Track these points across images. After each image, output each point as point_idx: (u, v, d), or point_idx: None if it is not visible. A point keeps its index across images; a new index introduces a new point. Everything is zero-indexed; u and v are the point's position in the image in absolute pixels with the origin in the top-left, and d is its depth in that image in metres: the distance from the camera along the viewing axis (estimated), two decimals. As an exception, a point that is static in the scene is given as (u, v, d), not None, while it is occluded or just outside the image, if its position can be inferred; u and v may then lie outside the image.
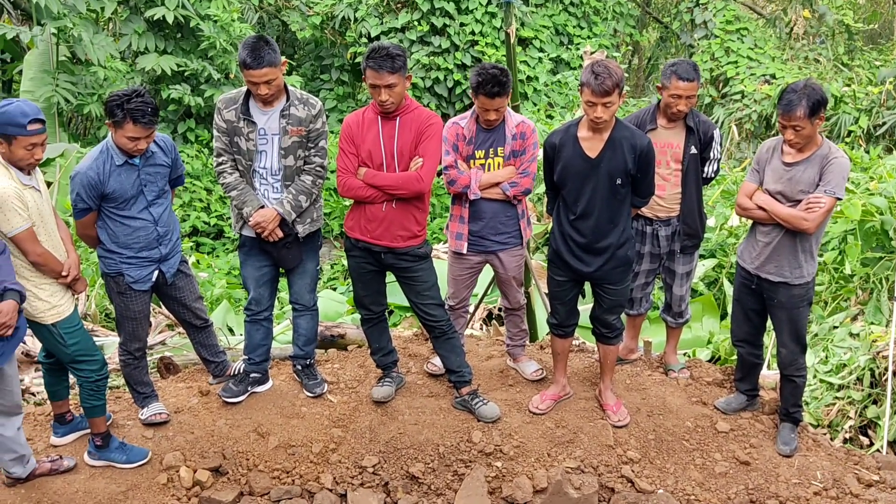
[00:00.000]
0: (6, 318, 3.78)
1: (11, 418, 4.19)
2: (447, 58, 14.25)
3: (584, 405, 5.08)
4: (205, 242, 11.95)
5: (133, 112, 4.22)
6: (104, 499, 4.40)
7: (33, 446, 4.73)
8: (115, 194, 4.42)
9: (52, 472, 4.49)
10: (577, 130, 4.56)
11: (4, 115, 3.94)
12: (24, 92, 11.43)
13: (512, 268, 5.13)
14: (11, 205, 3.97)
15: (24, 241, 4.06)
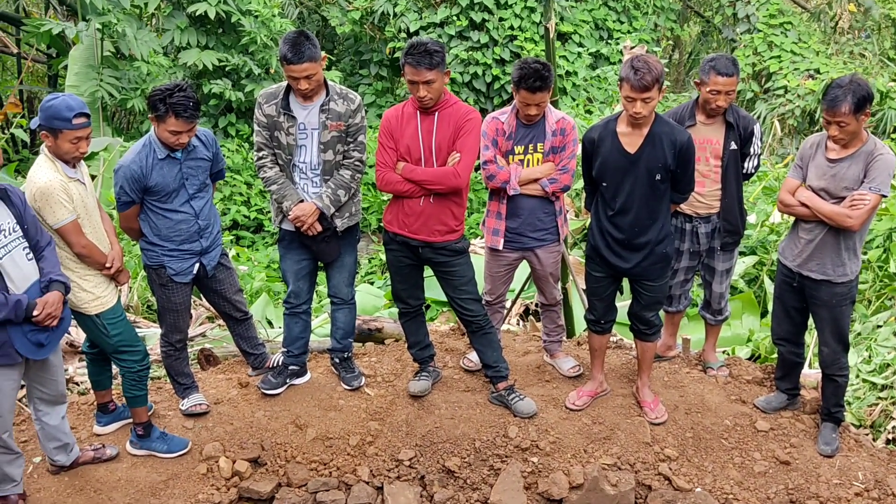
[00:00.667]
0: (52, 309, 3.86)
1: (56, 407, 4.29)
2: (486, 53, 14.22)
3: (622, 402, 5.06)
4: (245, 236, 12.07)
5: (175, 106, 4.27)
6: (145, 487, 4.48)
7: (77, 435, 4.83)
8: (157, 187, 4.49)
9: (95, 460, 4.58)
10: (616, 126, 4.53)
11: (50, 109, 4.02)
12: (69, 87, 11.62)
13: (549, 264, 5.12)
14: (57, 197, 4.05)
15: (69, 233, 4.14)
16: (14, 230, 3.82)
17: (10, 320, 3.73)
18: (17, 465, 4.14)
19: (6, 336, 3.77)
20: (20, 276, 3.82)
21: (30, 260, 3.89)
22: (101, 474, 4.52)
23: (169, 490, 4.50)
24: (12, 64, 16.01)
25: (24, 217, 3.88)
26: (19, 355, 3.84)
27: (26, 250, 3.88)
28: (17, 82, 14.25)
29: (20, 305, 3.74)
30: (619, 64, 14.38)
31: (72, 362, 6.14)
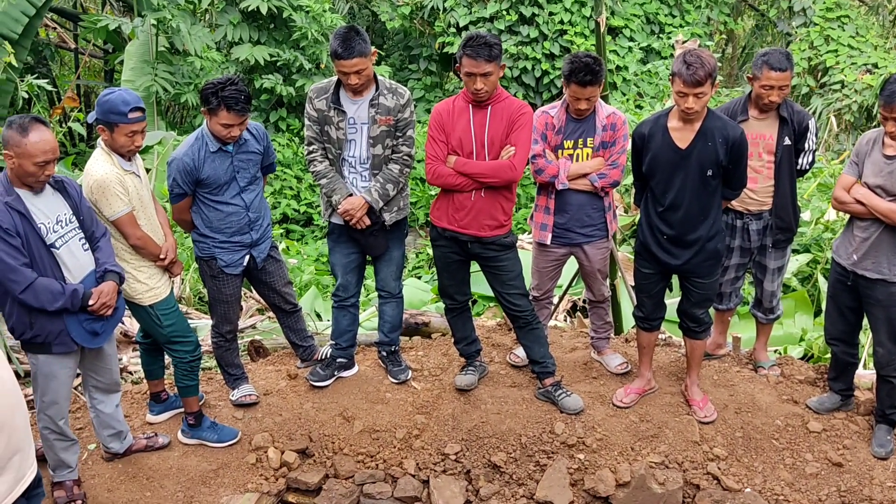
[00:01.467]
0: (107, 299, 3.95)
1: (110, 395, 4.38)
2: (535, 47, 14.17)
3: (670, 400, 5.01)
4: (294, 229, 12.20)
5: (227, 100, 4.34)
6: (196, 476, 4.56)
7: (130, 423, 4.93)
8: (208, 180, 4.56)
9: (148, 448, 4.67)
10: (667, 121, 4.48)
11: (107, 103, 4.10)
12: (125, 81, 11.85)
13: (597, 260, 5.08)
14: (113, 190, 4.14)
15: (124, 225, 4.23)
16: (70, 221, 3.92)
17: (66, 309, 3.82)
18: (73, 452, 4.24)
19: (63, 325, 3.86)
20: (76, 266, 3.91)
21: (86, 250, 3.98)
22: (153, 462, 4.62)
23: (219, 479, 4.58)
24: (70, 59, 16.38)
25: (80, 208, 3.98)
26: (75, 344, 3.93)
27: (82, 241, 3.97)
28: (74, 77, 14.58)
29: (76, 295, 3.83)
30: (671, 58, 14.21)
31: (126, 352, 6.27)
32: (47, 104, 12.46)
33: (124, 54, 12.30)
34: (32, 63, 13.61)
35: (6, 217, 3.62)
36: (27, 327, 3.83)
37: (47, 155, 3.65)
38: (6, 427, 2.62)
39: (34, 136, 3.61)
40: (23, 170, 3.66)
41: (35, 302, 3.73)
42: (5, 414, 2.62)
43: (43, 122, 3.69)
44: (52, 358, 3.93)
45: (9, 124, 3.64)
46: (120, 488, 4.42)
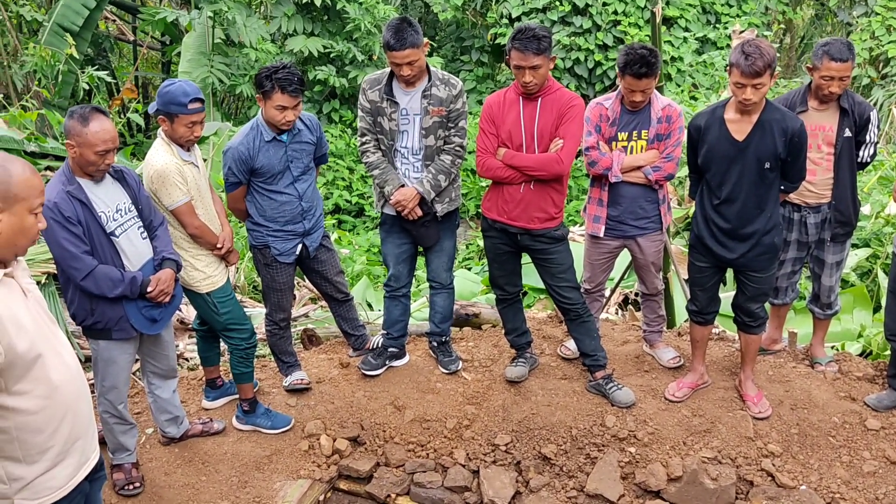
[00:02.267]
0: (165, 286, 4.03)
1: (167, 381, 4.47)
2: (588, 38, 14.05)
3: (723, 395, 4.95)
4: (346, 220, 12.29)
5: (281, 81, 4.39)
6: (250, 461, 4.64)
7: (186, 409, 5.03)
8: (263, 169, 4.62)
9: (203, 433, 4.76)
10: (723, 112, 4.41)
11: (167, 94, 4.18)
12: (181, 73, 12.05)
13: (650, 253, 5.04)
14: (172, 180, 4.22)
15: (183, 215, 4.31)
16: (130, 210, 4.00)
17: (125, 296, 3.91)
18: (132, 436, 4.34)
19: (122, 311, 3.95)
20: (135, 254, 3.99)
21: (144, 238, 4.06)
22: (208, 447, 4.71)
23: (272, 465, 4.65)
24: (128, 51, 16.69)
25: (138, 197, 4.05)
26: (134, 330, 4.02)
27: (141, 229, 4.05)
28: (132, 69, 14.84)
29: (136, 282, 3.91)
30: (727, 49, 13.99)
31: (182, 339, 6.39)
32: (106, 95, 12.73)
33: (181, 46, 12.50)
34: (92, 55, 13.93)
35: (68, 206, 3.70)
36: (88, 314, 3.93)
37: (107, 144, 3.72)
38: (70, 412, 2.69)
39: (95, 125, 3.68)
40: (84, 159, 3.73)
41: (95, 289, 3.82)
42: (71, 399, 2.69)
43: (103, 112, 3.76)
44: (112, 344, 4.03)
45: (70, 114, 3.72)
46: (176, 472, 4.52)
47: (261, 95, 4.49)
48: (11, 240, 2.50)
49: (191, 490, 4.40)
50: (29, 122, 8.89)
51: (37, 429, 2.58)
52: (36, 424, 2.57)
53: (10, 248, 2.51)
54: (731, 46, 12.75)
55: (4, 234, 2.46)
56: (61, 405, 2.63)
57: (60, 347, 2.68)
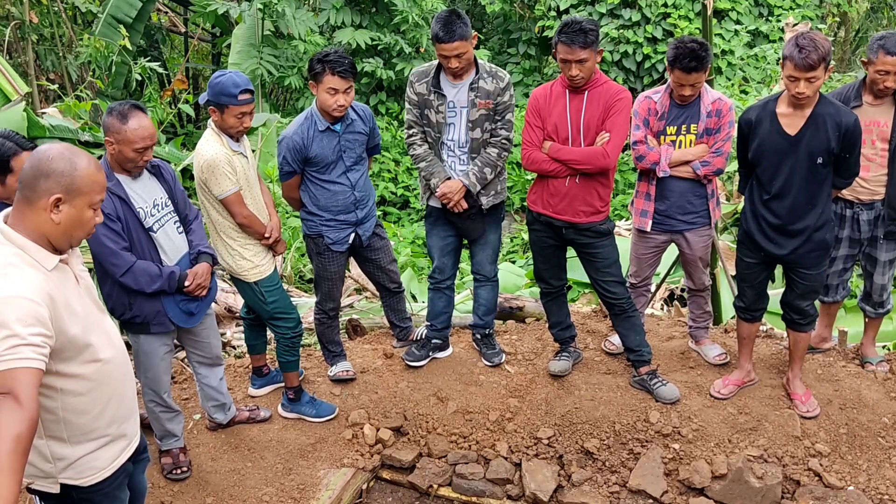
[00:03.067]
0: (201, 280, 4.08)
1: (213, 369, 4.54)
2: (637, 31, 13.89)
3: (770, 393, 4.88)
4: (391, 212, 12.35)
5: (332, 63, 4.43)
6: (294, 449, 4.70)
7: (233, 395, 5.11)
8: (316, 158, 4.66)
9: (250, 420, 4.84)
10: (775, 106, 4.34)
11: (218, 85, 4.23)
12: (231, 64, 12.19)
13: (698, 248, 4.98)
14: (222, 170, 4.27)
15: (232, 204, 4.36)
16: (167, 205, 4.04)
17: (163, 291, 3.96)
18: (178, 422, 4.42)
19: (160, 306, 4.01)
20: (172, 249, 4.04)
21: (180, 233, 4.11)
22: (254, 434, 4.78)
23: (316, 453, 4.71)
24: (180, 43, 16.92)
25: (174, 192, 4.10)
26: (172, 324, 4.09)
27: (177, 224, 4.10)
28: (183, 60, 15.05)
29: (173, 277, 3.97)
30: (779, 42, 13.74)
31: (229, 327, 6.49)
32: (158, 86, 12.92)
33: (231, 38, 12.64)
34: (145, 46, 14.14)
35: (107, 202, 3.71)
36: (126, 308, 3.98)
37: (146, 141, 3.75)
38: (116, 395, 2.77)
39: (133, 122, 3.71)
40: (122, 156, 3.77)
41: (134, 284, 3.87)
42: (117, 383, 2.77)
43: (142, 109, 3.79)
44: (151, 337, 4.09)
45: (109, 111, 3.75)
46: (223, 457, 4.60)
47: (313, 81, 4.53)
48: (69, 231, 2.57)
49: (236, 476, 4.47)
50: (83, 111, 9.07)
51: (83, 410, 2.66)
52: (82, 406, 2.65)
53: (67, 238, 2.58)
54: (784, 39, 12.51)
55: (63, 224, 2.53)
56: (107, 388, 2.71)
57: (108, 333, 2.75)
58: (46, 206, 2.49)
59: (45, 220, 2.51)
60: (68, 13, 12.86)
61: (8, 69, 8.88)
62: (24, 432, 2.20)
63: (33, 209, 2.50)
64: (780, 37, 13.79)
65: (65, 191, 2.50)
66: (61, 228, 2.54)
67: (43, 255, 2.52)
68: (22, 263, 2.45)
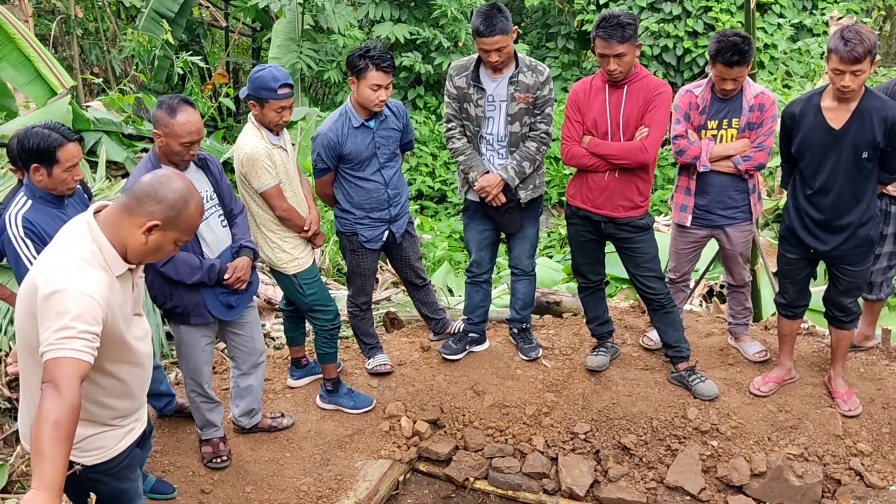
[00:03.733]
0: (241, 273, 4.12)
1: (254, 370, 4.52)
2: (678, 25, 13.75)
3: (811, 391, 4.82)
4: (428, 206, 12.37)
5: (375, 59, 4.44)
6: (332, 439, 4.74)
7: (272, 386, 5.17)
8: (351, 155, 4.68)
9: (272, 428, 4.76)
10: (819, 100, 4.28)
11: (258, 80, 4.26)
12: (271, 59, 12.30)
13: (739, 244, 4.93)
14: (262, 163, 4.31)
15: (272, 197, 4.40)
16: (212, 198, 4.09)
17: (203, 283, 4.01)
18: (218, 412, 4.46)
19: (200, 297, 4.06)
20: (215, 241, 4.09)
21: (224, 227, 4.15)
22: (293, 425, 4.82)
23: (354, 444, 4.74)
24: (221, 37, 17.09)
25: (220, 186, 4.14)
26: (211, 316, 4.13)
27: (221, 217, 4.14)
28: (224, 54, 15.21)
29: (213, 269, 4.01)
30: (823, 36, 13.51)
31: (269, 319, 6.56)
32: (199, 80, 13.07)
33: (272, 32, 12.74)
34: (187, 41, 14.32)
35: None
36: (167, 298, 4.05)
37: (193, 136, 3.80)
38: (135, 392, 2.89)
39: (181, 116, 3.76)
40: (169, 149, 3.82)
41: (174, 275, 3.93)
42: (143, 378, 2.89)
43: (191, 104, 3.84)
44: (191, 329, 4.15)
45: (159, 104, 3.82)
46: (262, 447, 4.65)
47: (353, 77, 4.53)
48: (148, 253, 2.69)
49: (275, 466, 4.52)
50: (127, 105, 9.21)
51: (102, 403, 2.78)
52: (103, 399, 2.77)
53: (143, 257, 2.71)
54: (828, 33, 12.32)
55: (148, 247, 2.65)
56: (131, 386, 2.83)
57: (144, 341, 2.86)
58: (143, 226, 2.60)
59: (135, 237, 2.62)
60: (112, 8, 13.06)
61: (54, 63, 9.06)
62: (63, 419, 2.26)
63: (130, 220, 2.61)
64: (825, 30, 13.57)
65: (166, 221, 2.62)
66: (144, 249, 2.65)
67: (116, 260, 2.62)
68: (94, 261, 2.56)
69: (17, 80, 9.19)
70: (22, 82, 9.18)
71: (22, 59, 8.95)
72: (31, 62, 9.00)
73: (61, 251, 2.57)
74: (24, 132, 3.64)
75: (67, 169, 3.63)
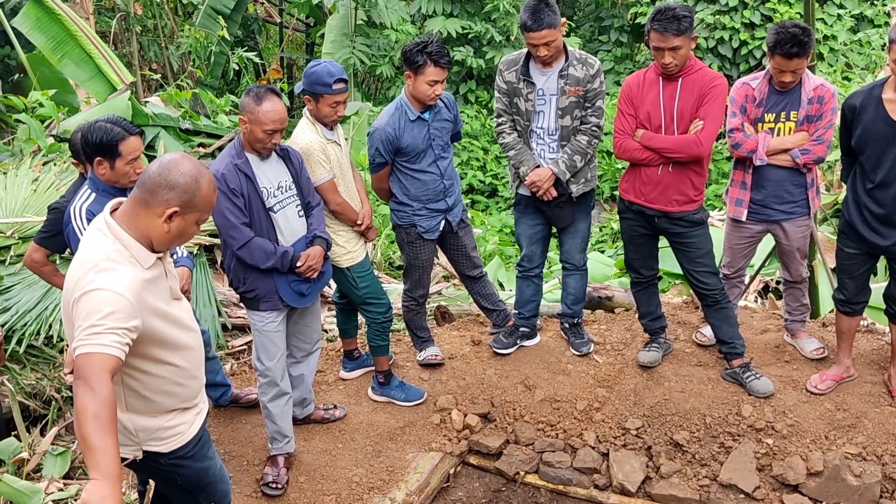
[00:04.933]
0: (314, 262, 4.18)
1: (309, 357, 4.59)
2: (734, 16, 13.52)
3: (870, 389, 4.72)
4: (479, 200, 12.38)
5: (433, 55, 4.47)
6: (384, 431, 4.78)
7: (325, 378, 5.23)
8: (408, 148, 4.71)
9: (325, 420, 4.84)
10: (881, 92, 4.18)
11: (313, 75, 4.32)
12: (325, 54, 12.42)
13: (796, 239, 4.84)
14: (317, 157, 4.37)
15: (325, 191, 4.45)
16: (290, 188, 4.16)
17: (276, 269, 4.08)
18: (286, 413, 4.39)
19: (272, 284, 4.12)
20: (290, 230, 4.16)
21: (300, 217, 4.22)
22: (346, 416, 4.88)
23: (405, 436, 4.78)
24: (275, 33, 17.31)
25: (300, 177, 4.21)
26: (282, 302, 4.20)
27: (298, 207, 4.21)
28: (278, 50, 15.39)
29: (287, 256, 4.08)
30: (885, 27, 13.18)
31: (322, 311, 6.62)
32: (254, 75, 13.26)
33: (325, 28, 12.86)
34: (242, 37, 14.52)
35: (234, 178, 3.91)
36: (241, 282, 4.14)
37: (276, 124, 3.90)
38: (191, 378, 2.95)
39: (267, 105, 3.86)
40: (253, 135, 3.92)
41: (249, 259, 4.01)
42: (193, 367, 2.95)
43: (276, 93, 3.94)
44: (263, 314, 4.21)
45: (247, 92, 3.93)
46: (315, 438, 4.71)
47: (411, 72, 4.55)
48: (174, 239, 2.73)
49: (328, 456, 4.58)
50: (184, 100, 9.37)
51: (163, 390, 2.84)
52: (163, 387, 2.83)
53: (169, 244, 2.75)
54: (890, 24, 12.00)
55: (172, 233, 2.69)
56: (185, 371, 2.88)
57: (188, 322, 2.91)
58: (162, 215, 2.64)
59: (157, 226, 2.66)
60: (170, 5, 13.30)
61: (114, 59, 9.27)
62: (102, 411, 2.31)
63: (148, 212, 2.66)
64: (886, 21, 13.23)
65: (183, 205, 2.66)
66: (168, 236, 2.70)
67: (143, 253, 2.67)
68: (122, 259, 2.61)
69: (79, 76, 9.43)
70: (83, 78, 9.41)
71: (83, 55, 9.17)
72: (91, 59, 9.23)
73: (87, 254, 2.62)
74: (88, 127, 3.74)
75: (129, 162, 3.72)
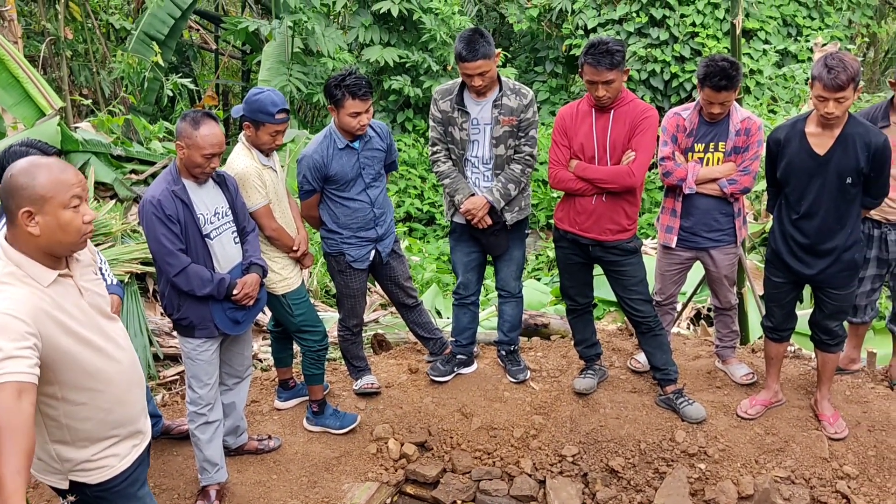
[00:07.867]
0: (250, 290, 4.13)
1: (240, 385, 4.53)
2: (665, 50, 13.88)
3: (798, 414, 4.84)
4: (417, 228, 12.40)
5: (350, 87, 4.46)
6: (319, 461, 4.72)
7: (259, 408, 5.14)
8: (336, 176, 4.70)
9: (258, 451, 4.75)
10: (804, 126, 4.33)
11: (256, 102, 4.29)
12: (261, 81, 12.33)
13: (724, 266, 4.96)
14: (252, 183, 4.33)
15: (261, 217, 4.41)
16: (226, 214, 4.11)
17: (212, 297, 4.02)
18: (216, 441, 4.29)
19: (208, 311, 4.06)
20: (225, 257, 4.10)
21: (236, 243, 4.17)
22: (280, 447, 4.80)
23: (341, 466, 4.72)
24: (210, 59, 17.16)
25: (235, 203, 4.17)
26: (217, 330, 4.13)
27: (234, 234, 4.16)
28: (214, 77, 15.25)
29: (223, 283, 4.02)
30: (808, 62, 13.65)
31: (256, 340, 6.53)
32: (189, 102, 13.11)
33: (262, 55, 12.79)
34: (176, 63, 14.35)
35: (170, 204, 3.84)
36: (175, 309, 4.06)
37: (214, 148, 3.86)
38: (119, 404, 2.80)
39: (205, 129, 3.83)
40: (191, 160, 3.87)
41: (186, 286, 3.94)
42: (120, 392, 2.79)
43: (213, 118, 3.90)
44: (196, 341, 4.14)
45: (183, 117, 3.88)
46: (248, 469, 4.62)
47: (332, 105, 4.57)
48: (55, 238, 2.57)
49: (262, 488, 4.49)
50: (116, 126, 9.21)
51: (85, 417, 2.70)
52: (84, 413, 2.70)
53: (57, 245, 2.59)
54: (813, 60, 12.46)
55: (45, 234, 2.54)
56: (110, 398, 2.75)
57: (113, 344, 2.78)
58: (23, 222, 2.52)
59: (28, 234, 2.53)
60: (102, 30, 13.09)
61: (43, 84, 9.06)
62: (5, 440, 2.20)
63: (16, 227, 2.54)
64: (809, 57, 13.72)
65: (31, 203, 2.51)
66: (45, 238, 2.55)
67: (39, 270, 2.56)
68: (14, 280, 2.50)
69: (6, 100, 9.18)
70: (10, 103, 9.16)
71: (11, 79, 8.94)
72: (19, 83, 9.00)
73: None
74: (2, 153, 3.66)
75: None
